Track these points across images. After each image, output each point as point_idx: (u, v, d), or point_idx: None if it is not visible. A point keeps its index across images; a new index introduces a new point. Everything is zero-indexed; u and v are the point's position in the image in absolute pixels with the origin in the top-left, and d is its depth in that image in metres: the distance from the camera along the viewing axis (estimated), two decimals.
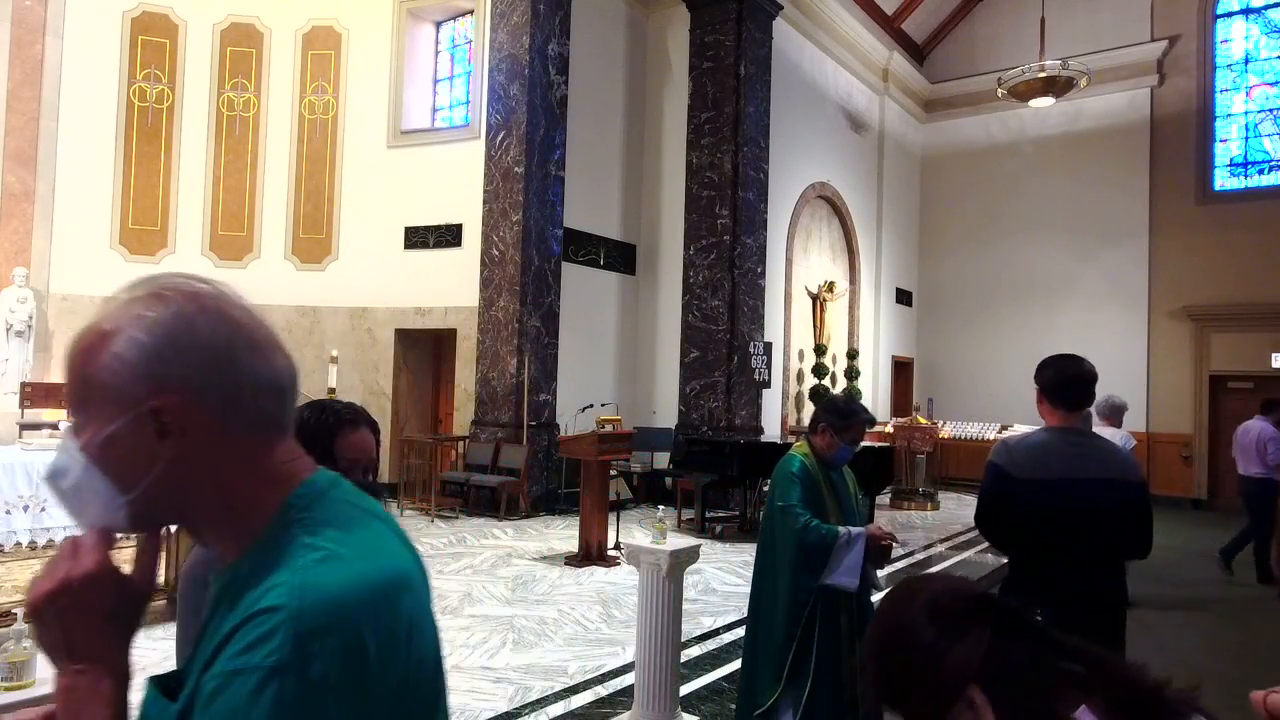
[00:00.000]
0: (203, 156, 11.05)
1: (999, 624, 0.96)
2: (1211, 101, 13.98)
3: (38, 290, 9.89)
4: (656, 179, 11.66)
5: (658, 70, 11.70)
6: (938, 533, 9.64)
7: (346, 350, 10.80)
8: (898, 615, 1.01)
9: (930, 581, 1.04)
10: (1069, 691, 0.93)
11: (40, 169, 10.03)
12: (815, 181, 13.26)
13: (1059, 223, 14.80)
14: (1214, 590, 7.42)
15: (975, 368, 15.48)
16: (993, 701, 0.91)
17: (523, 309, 9.60)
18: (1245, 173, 13.86)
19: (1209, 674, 5.30)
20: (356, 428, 1.78)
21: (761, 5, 11.21)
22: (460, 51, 11.50)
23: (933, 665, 0.94)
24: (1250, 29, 13.95)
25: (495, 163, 9.88)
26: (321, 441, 1.73)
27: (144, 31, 10.81)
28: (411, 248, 10.94)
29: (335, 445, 1.74)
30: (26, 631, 2.33)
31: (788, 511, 3.12)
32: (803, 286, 13.09)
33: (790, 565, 3.09)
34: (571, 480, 9.20)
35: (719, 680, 4.51)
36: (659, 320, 11.57)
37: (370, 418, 1.84)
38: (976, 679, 0.92)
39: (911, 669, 0.96)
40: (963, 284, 15.94)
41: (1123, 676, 0.95)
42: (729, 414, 10.73)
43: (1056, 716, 0.92)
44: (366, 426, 1.80)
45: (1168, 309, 13.86)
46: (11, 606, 4.59)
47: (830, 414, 3.25)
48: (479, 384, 9.98)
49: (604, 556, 7.19)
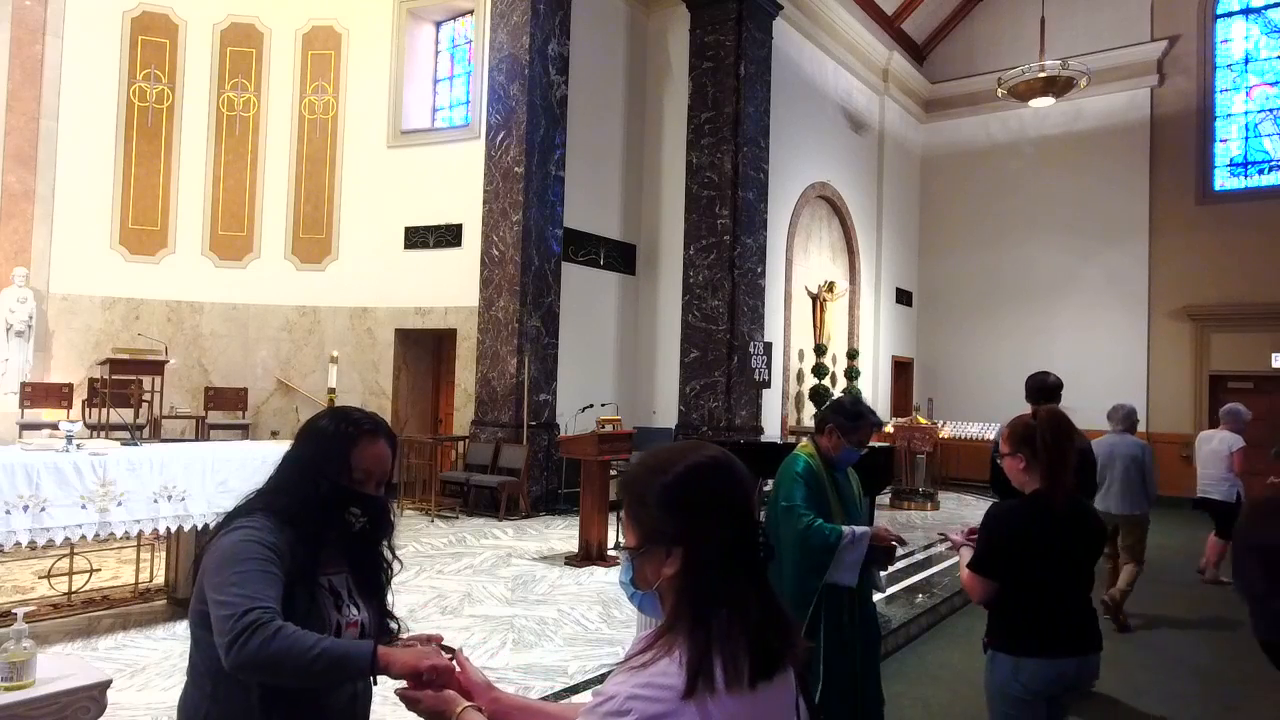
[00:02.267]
0: (203, 156, 11.05)
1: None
2: (1211, 101, 13.99)
3: (38, 290, 9.89)
4: (656, 179, 11.66)
5: (658, 70, 11.70)
6: (938, 533, 9.63)
7: (346, 350, 10.80)
8: None
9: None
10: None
11: (40, 169, 10.03)
12: (815, 181, 13.26)
13: (1059, 223, 14.80)
14: (1213, 590, 7.41)
15: (975, 368, 15.48)
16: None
17: (523, 309, 9.60)
18: (1245, 173, 13.86)
19: (1209, 674, 5.30)
20: (375, 439, 1.75)
21: (761, 5, 11.21)
22: (460, 51, 11.50)
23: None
24: (1250, 29, 13.95)
25: (495, 163, 9.88)
26: (339, 451, 1.72)
27: (144, 31, 10.81)
28: (411, 248, 10.94)
29: (352, 456, 1.71)
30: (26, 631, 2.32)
31: (792, 512, 3.11)
32: (803, 286, 13.09)
33: (794, 565, 3.09)
34: (571, 480, 9.20)
35: None
36: (659, 320, 11.57)
37: (390, 430, 1.82)
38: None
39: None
40: (963, 284, 15.94)
41: None
42: (729, 414, 10.73)
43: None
44: (385, 439, 1.78)
45: (1168, 309, 13.86)
46: (11, 606, 4.59)
47: (838, 415, 3.24)
48: (479, 384, 9.98)
49: (604, 556, 7.19)
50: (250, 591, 1.53)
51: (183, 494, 4.82)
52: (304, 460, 1.74)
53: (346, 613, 1.72)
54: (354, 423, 1.76)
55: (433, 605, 5.64)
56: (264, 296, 11.08)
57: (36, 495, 4.24)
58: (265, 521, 1.66)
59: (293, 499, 1.69)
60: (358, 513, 1.72)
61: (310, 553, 1.66)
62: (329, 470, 1.70)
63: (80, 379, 9.79)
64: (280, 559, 1.61)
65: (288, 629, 1.49)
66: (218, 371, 10.87)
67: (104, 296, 10.42)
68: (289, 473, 1.74)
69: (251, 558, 1.58)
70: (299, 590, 1.63)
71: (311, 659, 1.47)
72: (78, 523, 4.42)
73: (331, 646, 1.50)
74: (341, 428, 1.74)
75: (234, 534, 1.64)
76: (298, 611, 1.61)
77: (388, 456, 1.77)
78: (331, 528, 1.70)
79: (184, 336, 10.73)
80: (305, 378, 10.95)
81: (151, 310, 10.63)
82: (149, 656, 4.51)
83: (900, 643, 5.65)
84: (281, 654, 1.47)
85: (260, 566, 1.57)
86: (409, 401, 11.28)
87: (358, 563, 1.80)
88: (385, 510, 1.80)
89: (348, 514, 1.71)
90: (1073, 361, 13.21)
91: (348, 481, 1.70)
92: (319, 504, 1.68)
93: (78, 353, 10.14)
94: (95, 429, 8.91)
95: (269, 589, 1.55)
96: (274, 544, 1.62)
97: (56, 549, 4.96)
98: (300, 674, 1.49)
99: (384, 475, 1.77)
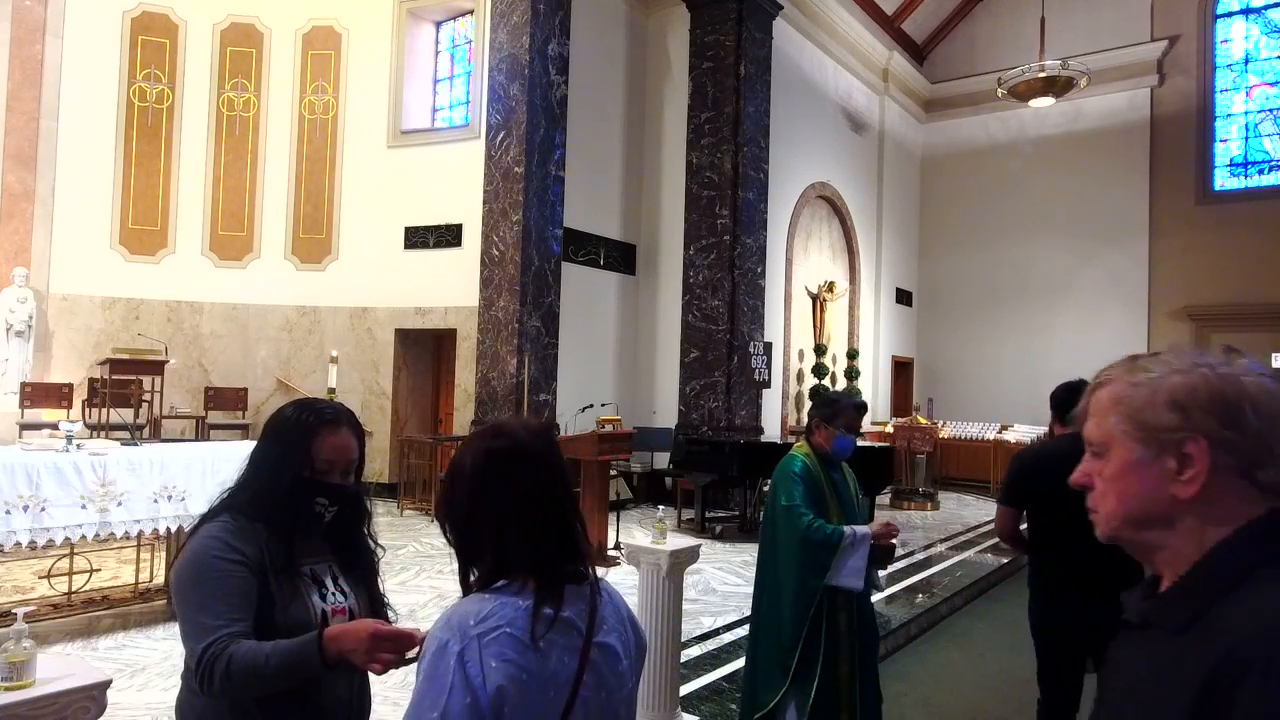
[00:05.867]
0: (203, 156, 11.05)
1: None
2: (1211, 101, 13.98)
3: (38, 290, 9.89)
4: (656, 179, 11.66)
5: (658, 70, 11.70)
6: (938, 533, 9.63)
7: (346, 350, 10.80)
8: None
9: None
10: None
11: (40, 169, 10.03)
12: (815, 181, 13.26)
13: (1059, 223, 14.80)
14: None
15: (975, 368, 15.48)
16: None
17: (523, 309, 9.59)
18: (1245, 173, 13.86)
19: None
20: (336, 429, 1.74)
21: (761, 5, 11.20)
22: (460, 51, 11.49)
23: None
24: (1250, 29, 13.95)
25: (495, 163, 9.87)
26: (300, 442, 1.71)
27: (144, 31, 10.81)
28: (411, 248, 10.94)
29: (313, 446, 1.71)
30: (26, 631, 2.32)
31: (792, 511, 3.11)
32: (803, 286, 13.09)
33: (795, 565, 3.09)
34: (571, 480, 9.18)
35: (719, 680, 4.50)
36: (659, 320, 11.57)
37: (355, 420, 1.81)
38: None
39: None
40: (963, 284, 15.94)
41: None
42: (729, 414, 10.73)
43: None
44: (348, 427, 1.76)
45: (1168, 309, 13.86)
46: (11, 606, 4.59)
47: (817, 408, 3.35)
48: (479, 384, 9.97)
49: (604, 556, 7.19)
50: (208, 619, 1.56)
51: (183, 494, 4.82)
52: (268, 455, 1.75)
53: (332, 599, 1.73)
54: (315, 412, 1.75)
55: (433, 605, 5.64)
56: (264, 296, 11.07)
57: (36, 495, 4.23)
58: (231, 521, 1.68)
59: (257, 495, 1.70)
60: (325, 502, 1.72)
61: (283, 546, 1.68)
62: (291, 462, 1.70)
63: (80, 379, 9.78)
64: (245, 560, 1.63)
65: (240, 651, 1.53)
66: (218, 371, 10.87)
67: (104, 296, 10.41)
68: (254, 468, 1.76)
69: (210, 576, 1.60)
70: (279, 582, 1.65)
71: (271, 670, 1.52)
72: (78, 523, 4.42)
73: (283, 649, 1.54)
74: (302, 417, 1.74)
75: (198, 541, 1.67)
76: (280, 602, 1.64)
77: (351, 445, 1.76)
78: (301, 519, 1.71)
79: (184, 336, 10.73)
80: (305, 378, 10.95)
81: (151, 310, 10.63)
82: (149, 656, 4.51)
83: (900, 643, 5.64)
84: (242, 677, 1.51)
85: (220, 583, 1.60)
86: (409, 401, 11.28)
87: (342, 549, 1.81)
88: (356, 497, 1.81)
89: (314, 504, 1.71)
90: (1072, 362, 13.15)
91: (310, 472, 1.70)
92: (284, 497, 1.68)
93: (78, 353, 10.14)
94: (95, 429, 8.90)
95: (229, 601, 1.59)
96: (237, 546, 1.64)
97: (56, 549, 4.95)
98: (267, 685, 1.54)
99: (348, 464, 1.75)
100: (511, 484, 1.30)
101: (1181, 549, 0.93)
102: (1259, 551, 0.88)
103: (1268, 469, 0.89)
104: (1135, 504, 0.95)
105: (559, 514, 1.32)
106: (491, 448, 1.32)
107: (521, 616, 1.22)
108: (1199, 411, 0.90)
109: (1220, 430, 0.89)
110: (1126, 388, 0.98)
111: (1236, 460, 0.89)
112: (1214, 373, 0.91)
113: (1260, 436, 0.89)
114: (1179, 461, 0.91)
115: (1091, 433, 1.01)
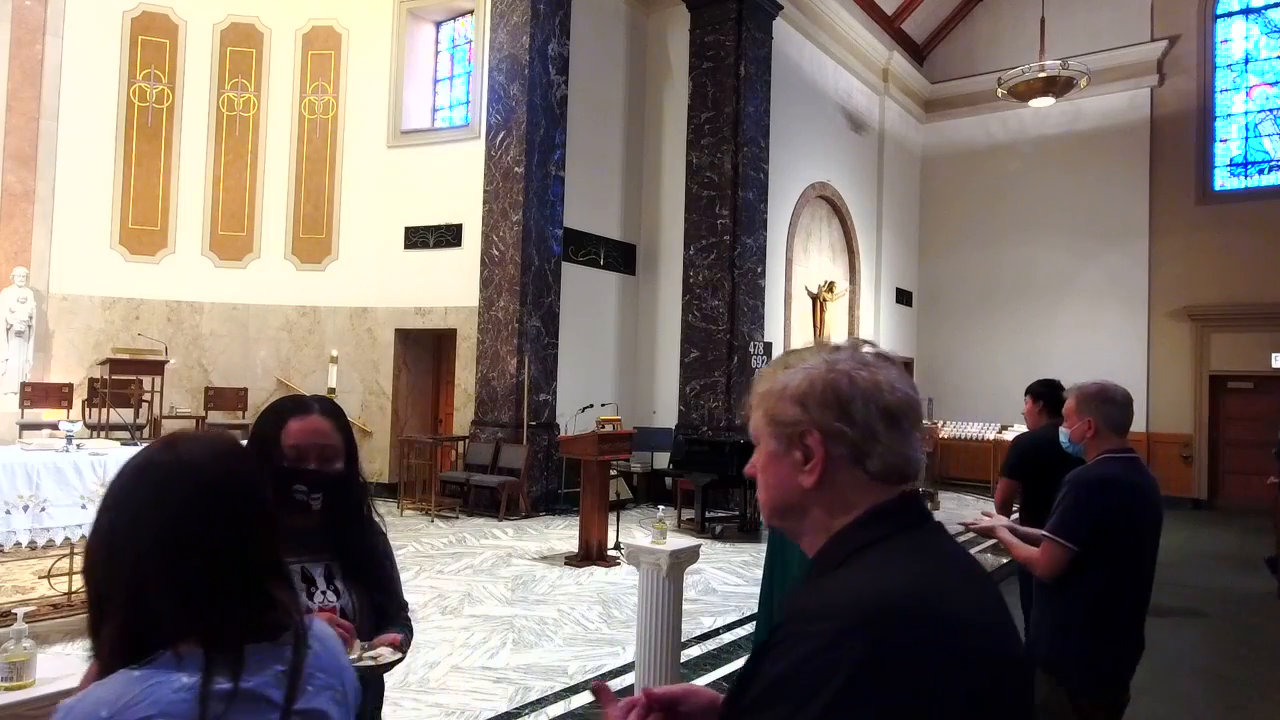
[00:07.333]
0: (203, 156, 11.05)
1: None
2: (1211, 101, 13.98)
3: (38, 290, 9.89)
4: (656, 179, 11.66)
5: (658, 70, 11.70)
6: None
7: (346, 350, 10.80)
8: None
9: None
10: None
11: (40, 169, 10.03)
12: (815, 181, 13.25)
13: (1059, 223, 14.80)
14: (1213, 590, 7.42)
15: (975, 368, 15.47)
16: None
17: (523, 309, 9.60)
18: (1245, 173, 13.86)
19: (1209, 674, 5.30)
20: (305, 415, 1.70)
21: (761, 5, 11.20)
22: (460, 51, 11.49)
23: None
24: (1250, 29, 13.95)
25: (495, 163, 9.88)
26: (270, 433, 1.70)
27: (144, 31, 10.81)
28: (411, 248, 10.94)
29: (282, 434, 1.68)
30: (26, 631, 2.32)
31: None
32: (803, 286, 13.08)
33: (801, 564, 3.09)
34: (571, 480, 9.20)
35: (719, 680, 4.50)
36: (659, 320, 11.57)
37: (333, 407, 1.76)
38: None
39: None
40: (963, 284, 15.94)
41: None
42: (729, 414, 10.73)
43: None
44: (321, 413, 1.73)
45: (1168, 309, 13.86)
46: (12, 606, 4.59)
47: None
48: (479, 384, 9.97)
49: (604, 556, 7.19)
50: None
51: None
52: (248, 449, 1.74)
53: (321, 599, 1.71)
54: (288, 400, 1.77)
55: (433, 605, 5.64)
56: (264, 296, 11.08)
57: (36, 495, 4.24)
58: None
59: None
60: (304, 489, 1.68)
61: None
62: (265, 452, 1.68)
63: (80, 379, 9.79)
64: None
65: None
66: (218, 371, 10.87)
67: (104, 296, 10.42)
68: None
69: None
70: None
71: None
72: (78, 523, 4.43)
73: None
74: (272, 406, 1.75)
75: None
76: None
77: (324, 429, 1.72)
78: (284, 509, 1.66)
79: (184, 336, 10.73)
80: (305, 378, 10.95)
81: (151, 310, 10.63)
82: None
83: None
84: None
85: None
86: (409, 401, 11.28)
87: (341, 547, 1.77)
88: (346, 484, 1.75)
89: (294, 492, 1.67)
90: (1072, 362, 13.19)
91: (282, 460, 1.68)
92: None
93: (78, 353, 10.14)
94: (95, 429, 8.90)
95: None
96: None
97: (56, 549, 4.95)
98: None
99: (322, 448, 1.71)
100: (161, 509, 0.99)
101: (815, 537, 0.99)
102: (860, 537, 0.94)
103: (874, 458, 0.95)
104: (777, 494, 1.00)
105: (237, 555, 1.02)
106: (152, 461, 1.03)
107: (183, 700, 0.92)
108: (815, 405, 0.96)
109: (833, 423, 0.95)
110: (769, 384, 1.02)
111: (848, 450, 0.95)
112: (831, 368, 0.97)
113: (868, 427, 0.94)
114: (803, 454, 0.97)
115: (750, 427, 1.06)
